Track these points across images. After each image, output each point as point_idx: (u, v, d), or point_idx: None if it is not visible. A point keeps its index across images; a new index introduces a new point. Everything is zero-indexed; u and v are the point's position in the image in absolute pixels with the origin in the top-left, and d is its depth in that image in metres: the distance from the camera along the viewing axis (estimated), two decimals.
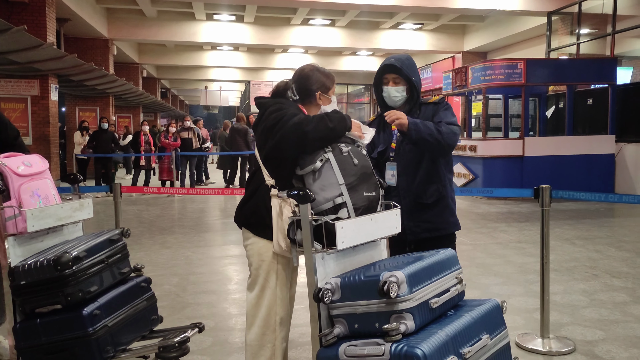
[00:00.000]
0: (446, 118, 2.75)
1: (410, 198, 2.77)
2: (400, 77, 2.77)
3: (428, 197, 2.76)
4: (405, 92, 2.79)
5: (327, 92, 2.53)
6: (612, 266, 5.21)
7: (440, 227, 2.79)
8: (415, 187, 2.77)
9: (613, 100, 10.09)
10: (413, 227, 2.76)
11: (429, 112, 2.80)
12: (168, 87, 32.87)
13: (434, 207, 2.77)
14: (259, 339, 2.43)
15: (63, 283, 2.54)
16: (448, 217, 2.81)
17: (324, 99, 2.53)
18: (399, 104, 2.82)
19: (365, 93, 28.99)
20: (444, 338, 1.86)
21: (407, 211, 2.73)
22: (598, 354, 3.21)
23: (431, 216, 2.77)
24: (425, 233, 2.77)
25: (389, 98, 2.82)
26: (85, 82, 13.36)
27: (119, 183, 4.20)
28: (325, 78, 2.53)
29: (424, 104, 2.84)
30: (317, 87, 2.50)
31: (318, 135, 2.21)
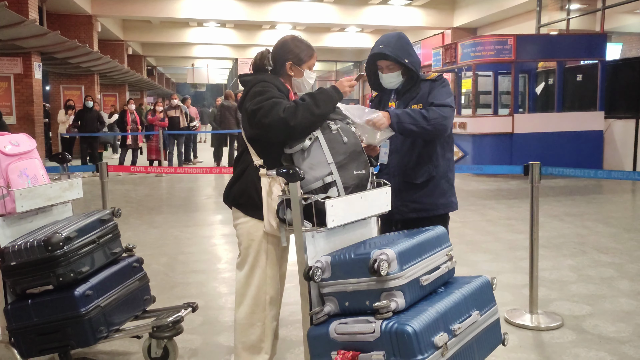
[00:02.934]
0: (439, 98, 2.64)
1: (400, 177, 2.72)
2: (393, 63, 2.70)
3: (418, 177, 2.70)
4: (402, 75, 2.72)
5: (300, 64, 2.42)
6: (600, 242, 5.26)
7: (428, 208, 2.72)
8: (405, 166, 2.72)
9: (602, 77, 10.09)
10: (400, 207, 2.71)
11: (426, 89, 2.71)
12: (154, 64, 32.41)
13: (423, 188, 2.71)
14: (248, 317, 2.41)
15: (54, 264, 2.52)
16: (437, 198, 2.73)
17: (296, 71, 2.43)
18: (397, 86, 2.77)
19: (354, 70, 28.78)
20: (434, 315, 1.85)
21: (395, 190, 2.66)
22: (586, 329, 3.24)
23: (420, 196, 2.71)
24: (413, 213, 2.72)
25: (385, 84, 2.77)
26: (69, 60, 13.11)
27: (105, 162, 4.14)
28: (301, 50, 2.43)
29: (423, 81, 2.75)
30: (289, 56, 2.41)
31: (305, 126, 2.17)
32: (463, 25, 17.66)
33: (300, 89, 2.50)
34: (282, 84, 2.38)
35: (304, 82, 2.47)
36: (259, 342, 2.42)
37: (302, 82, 2.47)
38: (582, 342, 3.06)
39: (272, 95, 2.24)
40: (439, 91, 2.69)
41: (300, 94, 2.48)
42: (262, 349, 2.43)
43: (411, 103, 2.71)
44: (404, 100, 2.75)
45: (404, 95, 2.75)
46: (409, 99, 2.74)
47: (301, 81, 2.46)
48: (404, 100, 2.74)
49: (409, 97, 2.74)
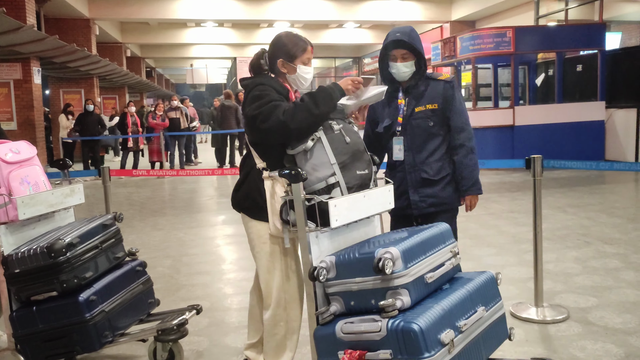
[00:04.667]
0: (459, 119, 2.77)
1: (416, 173, 2.78)
2: (409, 52, 2.72)
3: (434, 173, 2.78)
4: (414, 66, 2.75)
5: (292, 60, 2.35)
6: (603, 233, 5.25)
7: (445, 201, 2.82)
8: (422, 163, 2.78)
9: (602, 66, 10.05)
10: (418, 202, 2.79)
11: (439, 90, 2.77)
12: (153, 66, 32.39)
13: (439, 183, 2.79)
14: (272, 317, 2.44)
15: (58, 270, 2.53)
16: (452, 191, 2.83)
17: (288, 68, 2.37)
18: (407, 77, 2.78)
19: (353, 66, 28.73)
20: (440, 312, 1.86)
21: (412, 186, 2.78)
22: (591, 321, 3.24)
23: (436, 191, 2.79)
24: (431, 208, 2.79)
25: (398, 74, 2.77)
26: (68, 64, 13.11)
27: (107, 167, 4.14)
28: (292, 45, 2.36)
29: (433, 80, 2.80)
30: (280, 54, 2.37)
31: (304, 128, 2.16)
32: (461, 18, 17.61)
33: (298, 86, 2.43)
34: (280, 84, 2.36)
35: (299, 79, 2.39)
36: (283, 339, 2.44)
37: (296, 79, 2.39)
38: (588, 334, 3.07)
39: (271, 99, 2.23)
40: (457, 105, 2.78)
41: (302, 92, 2.47)
42: (286, 347, 2.46)
43: (424, 102, 2.76)
44: (413, 96, 2.79)
45: (412, 91, 2.79)
46: (418, 97, 2.78)
47: (295, 77, 2.38)
48: (414, 97, 2.78)
49: (418, 94, 2.78)
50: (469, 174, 2.78)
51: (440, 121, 2.78)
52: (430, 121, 2.76)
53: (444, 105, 2.77)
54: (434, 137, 2.78)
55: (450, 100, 2.77)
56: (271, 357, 2.46)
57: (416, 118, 2.76)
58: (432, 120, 2.76)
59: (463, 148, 2.78)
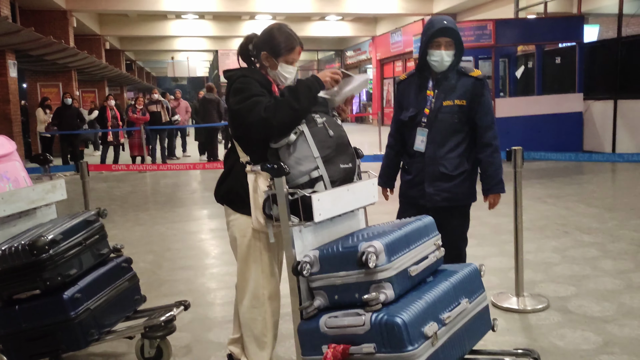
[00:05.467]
0: (485, 118, 2.82)
1: (435, 167, 2.82)
2: (452, 41, 2.74)
3: (452, 168, 2.82)
4: (454, 57, 2.77)
5: (276, 56, 2.32)
6: (582, 222, 5.34)
7: (459, 197, 2.86)
8: (441, 157, 2.81)
9: (580, 59, 10.19)
10: (433, 195, 2.83)
11: (468, 87, 2.80)
12: (133, 59, 31.96)
13: (457, 179, 2.83)
14: (249, 311, 2.43)
15: (40, 268, 2.49)
16: (468, 188, 2.87)
17: (270, 62, 2.34)
18: (447, 68, 2.79)
19: (335, 59, 28.69)
20: (423, 305, 1.87)
21: (429, 179, 2.82)
22: (571, 309, 3.30)
23: (452, 187, 2.83)
24: (444, 202, 2.84)
25: (440, 63, 2.77)
26: (45, 57, 12.87)
27: (86, 162, 4.08)
28: (279, 41, 2.32)
29: (464, 75, 2.82)
30: (265, 47, 2.33)
31: (287, 123, 2.15)
32: (443, 11, 17.66)
33: (277, 82, 2.40)
34: (263, 77, 2.34)
35: (279, 76, 2.36)
36: (261, 336, 2.44)
37: (277, 75, 2.36)
38: (568, 322, 3.12)
39: (252, 93, 2.21)
40: (485, 104, 2.82)
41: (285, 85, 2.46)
42: (265, 343, 2.45)
43: (453, 97, 2.78)
44: (442, 90, 2.80)
45: (442, 84, 2.80)
46: (449, 90, 2.80)
47: (276, 74, 2.36)
48: (443, 91, 2.80)
49: (448, 87, 2.80)
50: (494, 172, 2.82)
51: (466, 118, 2.81)
52: (456, 117, 2.79)
53: (471, 102, 2.79)
54: (457, 133, 2.81)
55: (479, 98, 2.79)
56: (251, 352, 2.46)
57: (443, 112, 2.79)
58: (458, 116, 2.79)
59: (490, 147, 2.82)
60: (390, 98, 22.09)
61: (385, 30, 21.64)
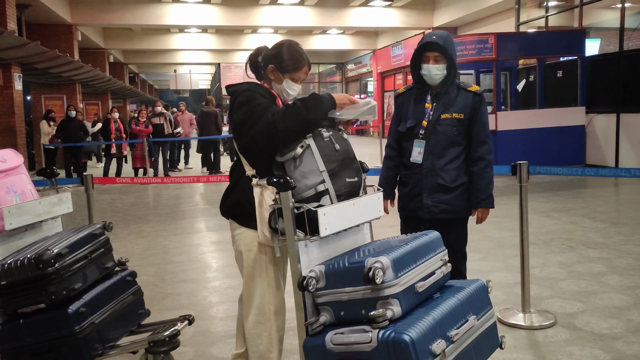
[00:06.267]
0: (481, 133, 2.83)
1: (433, 178, 2.83)
2: (441, 55, 2.77)
3: (450, 180, 2.83)
4: (445, 70, 2.78)
5: (283, 71, 2.34)
6: (587, 237, 5.31)
7: (457, 210, 2.87)
8: (439, 169, 2.83)
9: (582, 72, 10.21)
10: (431, 207, 2.84)
11: (468, 102, 2.83)
12: (136, 72, 32.15)
13: (455, 191, 2.84)
14: (255, 327, 2.40)
15: (46, 281, 2.45)
16: (465, 200, 2.87)
17: (276, 76, 2.35)
18: (438, 82, 2.83)
19: (336, 72, 28.81)
20: (431, 322, 1.84)
21: (427, 190, 2.83)
22: (578, 326, 3.26)
23: (451, 199, 2.84)
24: (442, 214, 2.84)
25: (429, 77, 2.81)
26: (50, 70, 12.94)
27: (90, 174, 4.07)
28: (288, 58, 2.34)
29: (463, 90, 2.86)
30: (274, 60, 2.35)
31: (294, 131, 2.14)
32: (443, 25, 17.76)
33: (281, 97, 2.40)
34: (266, 91, 2.34)
35: (283, 91, 2.37)
36: (267, 352, 2.40)
37: (281, 90, 2.37)
38: (575, 339, 3.08)
39: (259, 102, 2.22)
40: (481, 118, 2.84)
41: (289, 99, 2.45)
42: (271, 359, 2.41)
43: (451, 110, 2.81)
44: (442, 103, 2.84)
45: (441, 98, 2.83)
46: (448, 104, 2.83)
47: (281, 88, 2.36)
48: (442, 104, 2.84)
49: (447, 101, 2.83)
50: (484, 186, 2.82)
51: (464, 131, 2.84)
52: (455, 129, 2.82)
53: (470, 117, 2.82)
54: (455, 146, 2.83)
55: (476, 112, 2.82)
56: None
57: (441, 124, 2.82)
58: (457, 129, 2.82)
59: (483, 161, 2.83)
60: (391, 111, 22.13)
61: (386, 43, 21.75)
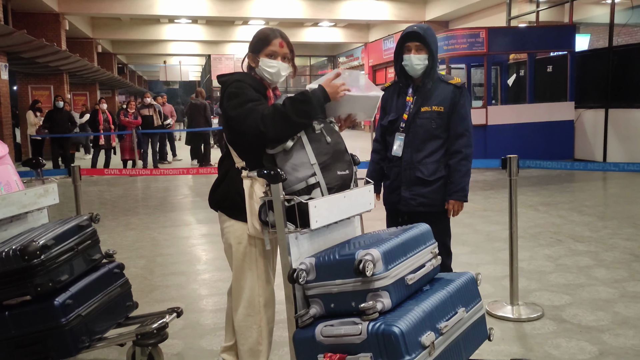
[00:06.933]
0: (459, 126, 2.82)
1: (412, 171, 2.84)
2: (422, 45, 2.78)
3: (429, 173, 2.84)
4: (427, 61, 2.78)
5: (257, 52, 2.30)
6: (575, 231, 5.35)
7: (435, 203, 2.87)
8: (418, 162, 2.84)
9: (572, 67, 10.27)
10: (409, 200, 2.85)
11: (447, 94, 2.83)
12: (125, 62, 31.84)
13: (433, 184, 2.85)
14: (244, 320, 2.39)
15: (31, 273, 2.43)
16: (444, 194, 2.87)
17: (255, 61, 2.32)
18: (419, 72, 2.83)
19: (328, 65, 28.74)
20: (420, 314, 1.84)
21: (406, 183, 2.85)
22: (565, 318, 3.29)
23: (429, 192, 2.85)
24: (420, 207, 2.86)
25: (410, 67, 2.81)
26: (37, 60, 12.77)
27: (78, 166, 4.03)
28: (259, 37, 2.32)
29: (443, 82, 2.85)
30: (249, 47, 2.34)
31: (284, 136, 2.12)
32: (435, 18, 17.77)
33: (266, 81, 2.34)
34: (256, 81, 2.31)
35: (262, 72, 2.31)
36: (256, 344, 2.39)
37: (261, 73, 2.32)
38: (562, 332, 3.11)
39: (248, 99, 2.18)
40: (460, 111, 2.83)
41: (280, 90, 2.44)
42: (260, 352, 2.40)
43: (431, 103, 2.82)
44: (421, 95, 2.84)
45: (421, 90, 2.84)
46: (427, 97, 2.83)
47: (260, 71, 2.32)
48: (422, 96, 2.84)
49: (427, 94, 2.83)
50: (458, 179, 2.82)
51: (444, 124, 2.84)
52: (434, 123, 2.82)
53: (450, 109, 2.82)
54: (435, 139, 2.83)
55: (455, 105, 2.82)
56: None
57: (421, 117, 2.82)
58: (436, 122, 2.82)
59: (459, 154, 2.83)
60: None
61: (378, 36, 21.72)
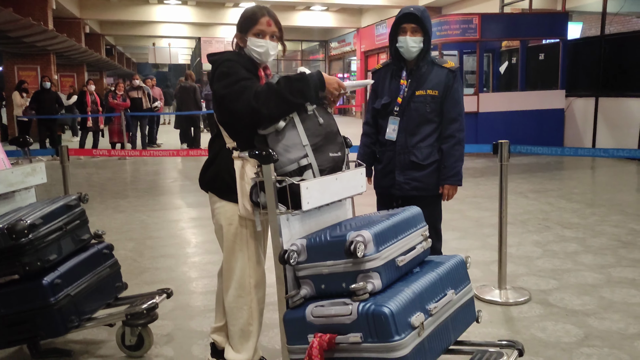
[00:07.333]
0: (453, 109, 2.81)
1: (406, 155, 2.83)
2: (418, 28, 2.75)
3: (423, 157, 2.83)
4: (422, 44, 2.76)
5: (245, 31, 2.26)
6: (563, 217, 5.40)
7: (429, 187, 2.87)
8: (412, 146, 2.83)
9: (564, 55, 10.27)
10: (403, 184, 2.85)
11: (441, 78, 2.81)
12: (113, 44, 31.38)
13: (427, 168, 2.85)
14: (235, 301, 2.38)
15: (19, 252, 2.43)
16: (437, 178, 2.87)
17: (243, 41, 2.28)
18: (414, 55, 2.80)
19: (320, 50, 28.56)
20: (410, 295, 1.86)
21: (400, 167, 2.84)
22: (552, 302, 3.33)
23: (423, 176, 2.85)
24: (414, 191, 2.86)
25: (405, 49, 2.78)
26: (24, 39, 12.56)
27: (66, 146, 3.99)
28: (245, 16, 2.28)
29: (437, 66, 2.84)
30: (237, 28, 2.30)
31: (277, 114, 2.10)
32: (428, 4, 17.65)
33: (256, 61, 2.30)
34: (247, 60, 2.28)
35: (251, 52, 2.28)
36: (247, 325, 2.39)
37: (250, 52, 2.28)
38: (549, 315, 3.15)
39: (240, 77, 2.15)
40: (454, 95, 2.82)
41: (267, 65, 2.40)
42: (250, 333, 2.41)
43: (425, 87, 2.80)
44: (416, 79, 2.82)
45: (415, 74, 2.82)
46: (421, 81, 2.81)
47: (248, 51, 2.28)
48: (416, 80, 2.82)
49: (421, 77, 2.81)
50: (452, 163, 2.82)
51: (438, 108, 2.83)
52: (428, 107, 2.81)
53: (444, 93, 2.81)
54: (429, 123, 2.82)
55: (449, 89, 2.81)
56: (236, 341, 2.42)
57: (415, 101, 2.81)
58: (430, 107, 2.81)
59: (453, 138, 2.83)
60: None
61: (371, 22, 21.58)
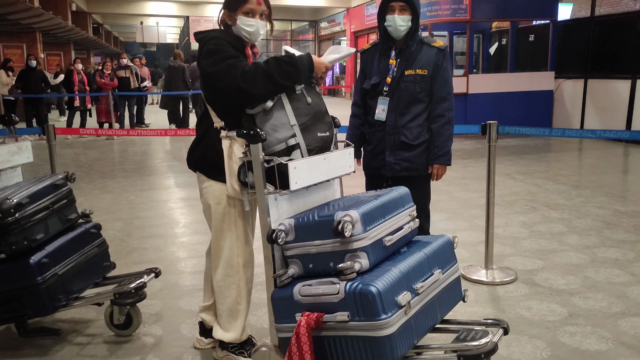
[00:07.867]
0: (442, 89, 2.80)
1: (396, 136, 2.83)
2: (407, 6, 2.73)
3: (413, 137, 2.83)
4: (411, 23, 2.74)
5: (234, 9, 2.22)
6: (549, 199, 5.46)
7: (419, 167, 2.87)
8: (402, 126, 2.82)
9: (554, 37, 10.28)
10: (393, 164, 2.84)
11: (431, 57, 2.80)
12: (100, 22, 30.90)
13: (417, 148, 2.85)
14: (223, 280, 2.39)
15: (6, 231, 2.41)
16: (427, 158, 2.87)
17: (231, 19, 2.24)
18: (403, 34, 2.78)
19: (310, 30, 28.30)
20: (397, 275, 1.87)
21: (390, 148, 2.83)
22: (537, 282, 3.38)
23: (413, 157, 2.85)
24: (404, 172, 2.86)
25: (393, 28, 2.76)
26: (8, 16, 12.32)
27: (52, 124, 3.94)
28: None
29: (427, 45, 2.82)
30: (224, 5, 2.27)
31: (265, 94, 2.07)
32: None
33: (244, 40, 2.27)
34: (234, 38, 2.24)
35: (240, 31, 2.24)
36: (235, 304, 2.40)
37: (239, 31, 2.25)
38: (534, 294, 3.20)
39: (227, 55, 2.12)
40: (443, 74, 2.81)
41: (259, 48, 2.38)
42: (239, 312, 2.42)
43: (415, 66, 2.79)
44: (405, 58, 2.80)
45: (404, 53, 2.80)
46: (410, 60, 2.80)
47: (237, 30, 2.24)
48: (405, 59, 2.80)
49: (410, 57, 2.80)
50: (441, 143, 2.83)
51: (427, 87, 2.82)
52: (417, 86, 2.80)
53: (433, 73, 2.80)
54: (419, 103, 2.82)
55: (439, 68, 2.80)
56: (224, 320, 2.44)
57: (405, 81, 2.80)
58: (420, 86, 2.80)
59: (442, 118, 2.83)
60: None
61: (360, 2, 21.38)
